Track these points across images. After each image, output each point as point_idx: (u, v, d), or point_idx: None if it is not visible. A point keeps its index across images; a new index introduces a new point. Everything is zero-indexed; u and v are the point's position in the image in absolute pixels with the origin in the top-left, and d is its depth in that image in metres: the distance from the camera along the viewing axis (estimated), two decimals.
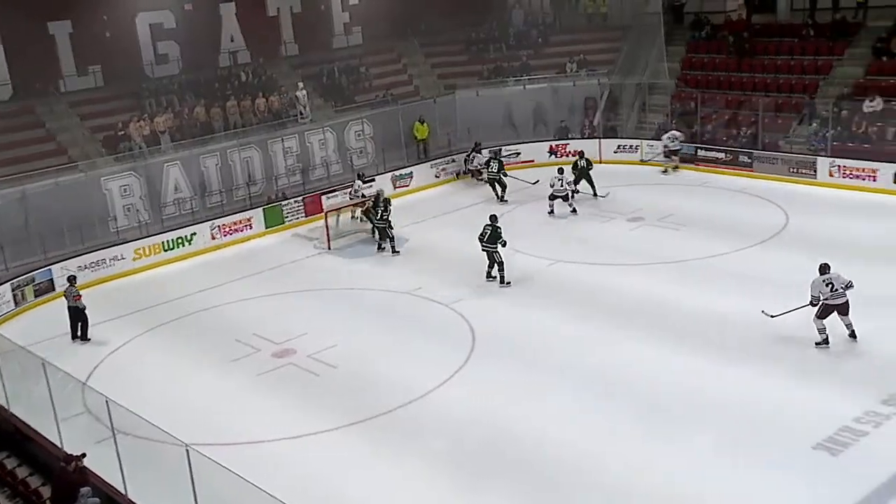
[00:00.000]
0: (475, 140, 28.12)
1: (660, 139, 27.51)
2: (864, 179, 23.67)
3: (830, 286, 14.50)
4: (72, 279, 18.74)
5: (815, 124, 25.58)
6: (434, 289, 19.18)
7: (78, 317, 18.25)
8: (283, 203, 25.29)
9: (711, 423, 13.02)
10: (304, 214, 25.34)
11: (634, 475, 11.94)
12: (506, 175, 25.93)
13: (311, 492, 12.05)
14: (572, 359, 15.48)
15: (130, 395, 13.96)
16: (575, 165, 25.20)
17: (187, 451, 9.85)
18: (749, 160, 26.06)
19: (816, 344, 14.80)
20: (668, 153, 27.18)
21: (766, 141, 26.22)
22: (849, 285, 14.56)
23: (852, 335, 14.83)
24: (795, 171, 24.99)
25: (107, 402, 11.44)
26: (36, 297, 20.54)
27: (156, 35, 27.52)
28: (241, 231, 24.30)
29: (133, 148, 24.90)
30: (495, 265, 19.12)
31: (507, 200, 25.33)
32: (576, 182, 24.50)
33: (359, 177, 24.98)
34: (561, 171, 23.88)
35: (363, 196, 24.00)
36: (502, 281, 19.08)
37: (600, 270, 19.62)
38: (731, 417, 13.11)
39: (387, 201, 22.54)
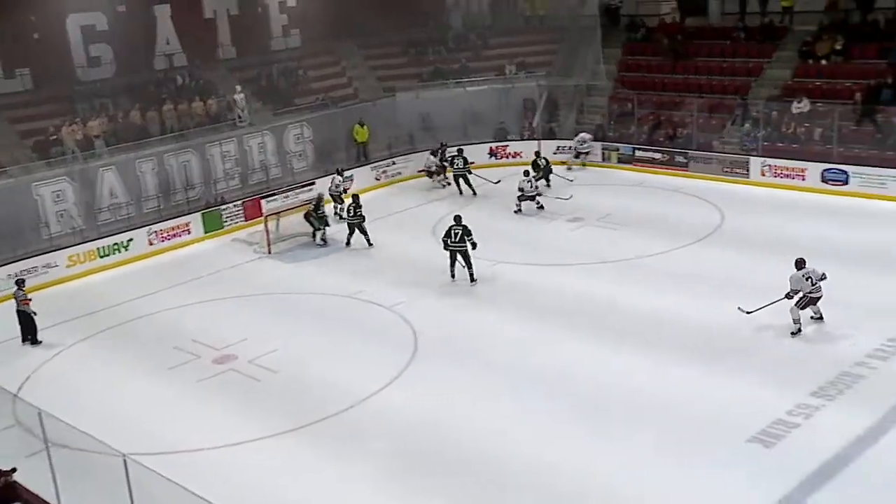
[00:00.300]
0: (440, 140, 28.13)
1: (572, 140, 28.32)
2: (793, 178, 24.31)
3: (809, 280, 14.99)
4: (20, 283, 18.40)
5: (747, 125, 26.17)
6: (375, 291, 19.15)
7: (27, 321, 17.99)
8: (222, 207, 25.02)
9: (650, 421, 13.21)
10: (243, 219, 25.11)
11: (578, 475, 12.06)
12: (470, 173, 26.31)
13: (252, 499, 11.98)
14: (515, 360, 15.58)
15: (66, 405, 13.72)
16: (536, 165, 25.66)
17: (125, 461, 9.69)
18: (685, 160, 26.56)
19: (792, 333, 15.31)
20: (578, 154, 27.90)
21: (701, 141, 26.75)
22: (823, 277, 15.11)
23: (819, 317, 15.64)
24: (729, 170, 25.56)
25: (39, 413, 11.18)
26: None
27: (88, 37, 26.88)
28: (180, 236, 23.98)
29: (66, 153, 24.34)
30: (463, 265, 19.10)
31: (476, 194, 26.13)
32: (538, 180, 25.02)
33: (338, 172, 25.41)
34: (527, 173, 24.52)
35: (344, 192, 24.64)
36: (472, 278, 19.17)
37: (542, 271, 19.82)
38: (669, 415, 13.32)
39: (356, 197, 22.92)
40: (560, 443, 12.87)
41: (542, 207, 24.00)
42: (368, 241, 22.46)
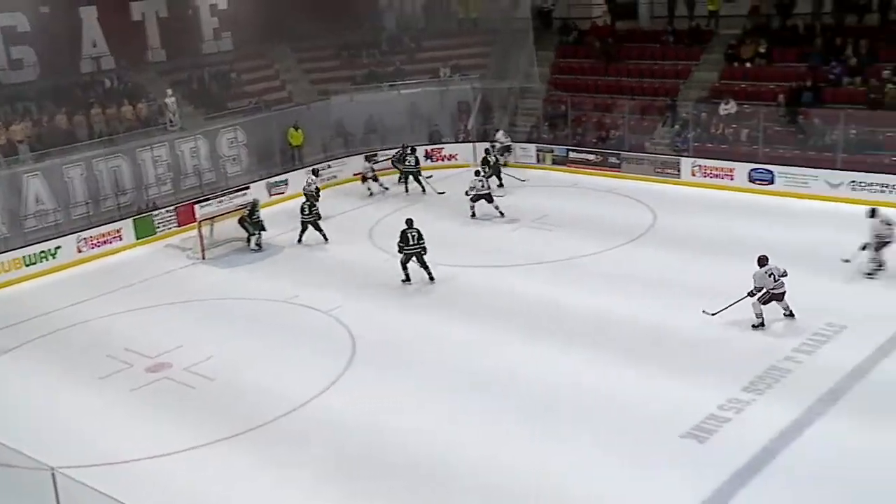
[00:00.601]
0: (403, 143, 27.98)
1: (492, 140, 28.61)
2: (722, 178, 24.91)
3: (772, 276, 15.28)
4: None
5: (677, 126, 26.72)
6: (312, 296, 19.04)
7: None
8: (155, 213, 24.60)
9: (587, 420, 13.36)
10: (176, 224, 24.73)
11: (524, 476, 12.11)
12: (419, 173, 26.71)
13: None
14: (454, 362, 15.62)
15: None
16: (486, 161, 25.86)
17: (53, 475, 9.48)
18: (617, 161, 26.99)
19: (753, 326, 15.65)
20: (502, 150, 28.28)
21: (633, 142, 27.21)
22: (784, 273, 15.39)
23: (790, 314, 15.85)
24: (661, 171, 26.06)
25: None
26: None
27: (9, 39, 26.09)
28: (110, 243, 23.50)
29: None
30: (421, 267, 19.14)
31: (425, 192, 26.53)
32: (488, 177, 25.07)
33: (313, 172, 25.86)
34: (478, 172, 24.35)
35: (317, 190, 24.64)
36: (431, 278, 19.27)
37: (481, 272, 19.94)
38: (607, 414, 13.51)
39: (312, 196, 23.64)
40: (505, 444, 12.91)
41: (502, 214, 23.46)
42: (325, 237, 22.83)
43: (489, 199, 23.44)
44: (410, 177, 26.74)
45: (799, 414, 12.97)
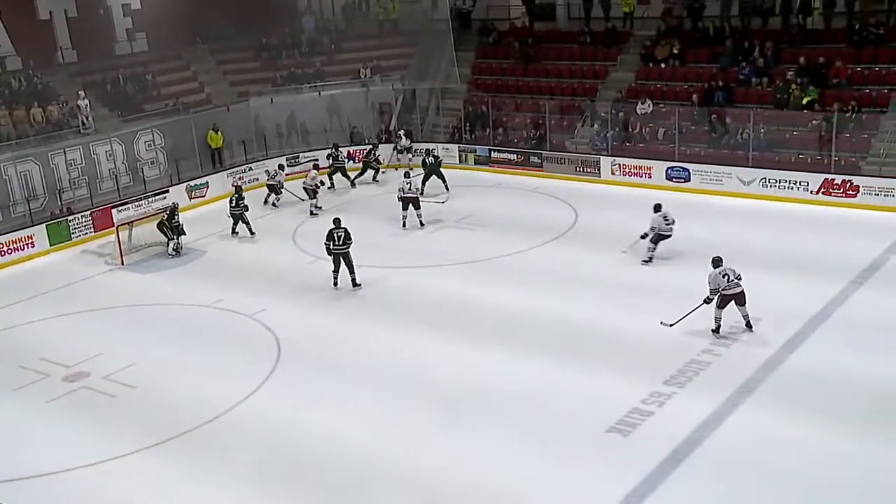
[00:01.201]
0: (333, 142, 28.07)
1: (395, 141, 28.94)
2: (641, 176, 25.46)
3: (727, 277, 15.22)
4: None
5: (596, 125, 27.20)
6: (235, 300, 18.78)
7: None
8: (69, 218, 23.94)
9: (515, 417, 13.49)
10: (93, 230, 24.12)
11: (442, 473, 12.22)
12: (345, 173, 27.41)
13: None
14: (377, 363, 15.60)
15: None
16: (424, 163, 25.69)
17: None
18: (539, 161, 27.33)
19: (712, 331, 15.54)
20: (402, 150, 28.65)
21: (554, 142, 27.59)
22: (738, 277, 15.33)
23: (748, 325, 15.56)
24: (582, 170, 26.49)
25: None
26: None
27: None
28: (22, 250, 22.77)
29: None
30: (347, 268, 18.92)
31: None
32: (425, 180, 25.03)
33: (314, 167, 25.81)
34: (407, 174, 23.61)
35: (317, 186, 25.14)
36: (355, 283, 19.03)
37: (404, 273, 19.98)
38: (533, 411, 13.64)
39: (239, 189, 23.89)
40: (425, 443, 12.99)
41: (422, 224, 22.97)
42: (251, 230, 23.24)
43: (416, 203, 23.02)
44: (340, 173, 27.07)
45: (718, 405, 13.34)
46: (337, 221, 19.30)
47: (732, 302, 15.36)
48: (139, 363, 16.12)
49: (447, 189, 25.52)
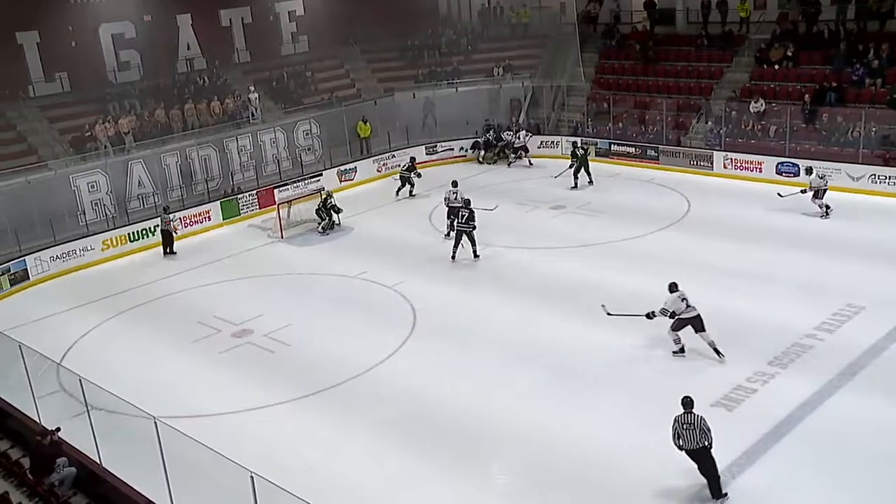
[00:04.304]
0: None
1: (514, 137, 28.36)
2: (751, 171, 24.39)
3: (685, 301, 13.82)
4: (166, 209, 22.17)
5: (710, 123, 26.22)
6: (378, 273, 19.15)
7: (167, 238, 21.83)
8: (239, 196, 24.98)
9: (625, 389, 13.30)
10: (258, 206, 25.07)
11: (568, 439, 12.13)
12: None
13: (269, 457, 11.99)
14: (500, 334, 15.59)
15: (101, 373, 13.72)
16: (574, 154, 25.21)
17: (156, 423, 9.75)
18: (655, 154, 26.59)
19: (674, 353, 14.11)
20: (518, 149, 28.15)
21: (670, 137, 26.78)
22: (691, 306, 13.90)
23: (718, 353, 13.73)
24: (695, 163, 25.61)
25: (80, 380, 11.28)
26: (11, 285, 20.01)
27: (118, 44, 26.91)
28: (201, 223, 23.93)
29: (99, 148, 24.37)
30: (468, 243, 19.21)
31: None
32: (576, 172, 24.74)
33: (453, 184, 21.46)
34: (455, 184, 21.30)
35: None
36: (476, 255, 19.30)
37: (527, 253, 19.85)
38: (641, 383, 13.43)
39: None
40: (544, 411, 12.89)
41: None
42: (412, 192, 24.77)
43: (457, 213, 19.69)
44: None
45: (819, 387, 12.74)
46: (467, 202, 19.38)
47: (689, 326, 13.62)
48: (294, 324, 16.71)
49: (591, 182, 24.92)
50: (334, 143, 28.15)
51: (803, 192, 20.46)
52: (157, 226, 22.18)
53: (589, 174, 25.11)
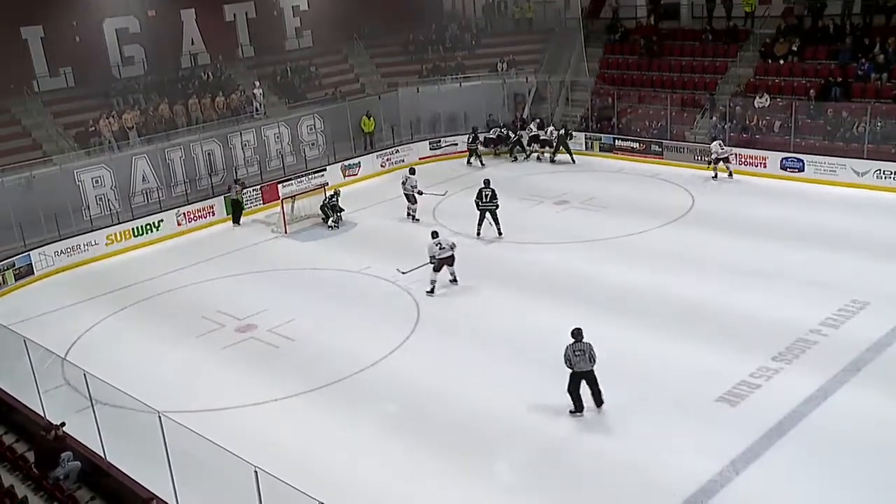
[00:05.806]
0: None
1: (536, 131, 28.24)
2: (756, 166, 24.31)
3: (439, 246, 14.98)
4: (237, 181, 23.81)
5: (714, 118, 26.12)
6: (381, 267, 19.15)
7: (237, 207, 23.58)
8: (243, 191, 24.93)
9: (629, 383, 13.24)
10: (262, 202, 25.06)
11: (565, 431, 12.20)
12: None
13: (273, 451, 12.00)
14: (503, 329, 15.60)
15: (106, 368, 13.79)
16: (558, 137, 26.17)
17: (160, 417, 9.77)
18: (660, 149, 26.52)
19: (427, 292, 16.72)
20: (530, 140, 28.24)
21: (674, 132, 26.69)
22: (453, 245, 14.86)
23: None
24: (700, 158, 25.51)
25: (84, 374, 11.31)
26: (16, 280, 20.05)
27: (122, 39, 26.95)
28: (205, 217, 23.95)
29: (103, 143, 24.39)
30: (491, 223, 19.99)
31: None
32: (555, 151, 25.84)
33: (411, 171, 22.71)
34: (412, 171, 22.78)
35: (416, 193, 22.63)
36: (500, 233, 20.15)
37: (531, 248, 19.83)
38: (646, 378, 13.39)
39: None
40: (547, 405, 12.86)
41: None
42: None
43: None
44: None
45: (824, 382, 12.70)
46: (487, 182, 20.12)
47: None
48: (298, 319, 16.73)
49: (573, 161, 25.77)
50: (338, 138, 28.11)
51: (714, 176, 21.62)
52: (227, 195, 23.74)
53: (571, 154, 25.75)
